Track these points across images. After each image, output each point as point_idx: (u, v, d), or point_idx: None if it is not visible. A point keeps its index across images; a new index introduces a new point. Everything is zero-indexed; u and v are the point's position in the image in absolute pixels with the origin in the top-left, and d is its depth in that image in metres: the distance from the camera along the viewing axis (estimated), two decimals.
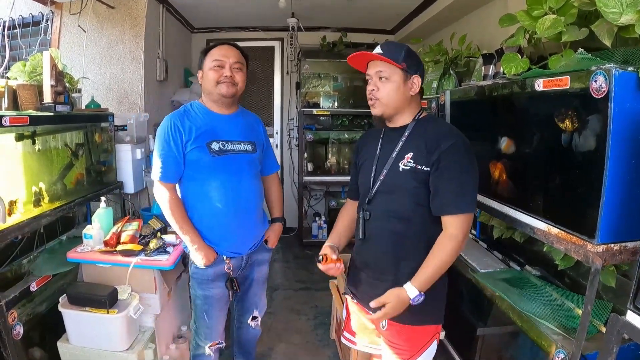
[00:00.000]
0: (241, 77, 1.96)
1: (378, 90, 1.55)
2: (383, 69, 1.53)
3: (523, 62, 1.69)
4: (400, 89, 1.54)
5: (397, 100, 1.55)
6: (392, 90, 1.54)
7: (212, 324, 2.07)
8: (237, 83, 1.94)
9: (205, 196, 1.92)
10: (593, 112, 1.27)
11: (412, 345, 1.58)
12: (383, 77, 1.54)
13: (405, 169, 1.51)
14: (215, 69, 1.90)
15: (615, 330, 1.15)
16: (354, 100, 5.07)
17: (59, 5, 3.49)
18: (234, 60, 1.93)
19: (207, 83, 1.94)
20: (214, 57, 1.91)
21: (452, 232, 1.45)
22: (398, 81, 1.53)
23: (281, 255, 4.81)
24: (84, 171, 2.59)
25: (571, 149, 1.39)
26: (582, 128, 1.34)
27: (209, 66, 1.92)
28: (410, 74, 1.54)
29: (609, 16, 1.27)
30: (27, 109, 2.13)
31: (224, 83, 1.91)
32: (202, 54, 1.97)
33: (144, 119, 3.42)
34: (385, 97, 1.55)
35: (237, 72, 1.94)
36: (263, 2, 4.12)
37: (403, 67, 1.52)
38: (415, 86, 1.55)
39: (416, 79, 1.55)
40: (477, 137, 2.04)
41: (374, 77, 1.56)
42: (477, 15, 3.45)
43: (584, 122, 1.33)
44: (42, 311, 2.15)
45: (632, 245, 1.28)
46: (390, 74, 1.53)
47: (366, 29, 5.18)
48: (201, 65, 1.97)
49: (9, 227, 1.89)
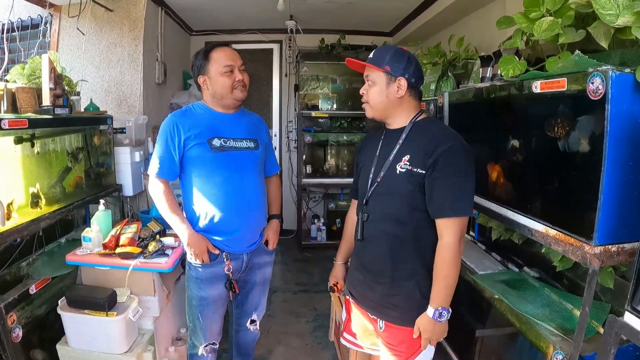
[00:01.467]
0: (247, 78, 1.99)
1: (367, 94, 1.62)
2: (369, 73, 1.60)
3: (520, 64, 1.70)
4: (384, 92, 1.57)
5: (382, 102, 1.59)
6: (376, 93, 1.59)
7: (207, 325, 2.07)
8: (247, 85, 1.98)
9: (207, 192, 1.93)
10: (590, 114, 1.28)
11: (409, 346, 1.59)
12: (370, 80, 1.60)
13: (402, 171, 1.52)
14: (227, 74, 1.91)
15: (613, 331, 1.15)
16: (352, 102, 5.07)
17: (57, 8, 3.49)
18: (241, 63, 1.96)
19: (219, 89, 1.93)
20: (223, 62, 1.91)
21: (448, 241, 1.46)
22: (381, 84, 1.57)
23: (280, 258, 4.80)
24: (83, 174, 2.59)
25: (569, 151, 1.39)
26: (579, 130, 1.34)
27: (219, 72, 1.91)
28: (394, 76, 1.54)
29: (606, 18, 1.27)
30: (26, 112, 2.13)
31: (238, 88, 1.94)
32: (203, 59, 1.94)
33: (143, 121, 3.41)
34: (371, 100, 1.61)
35: (243, 73, 1.96)
36: (261, 5, 4.12)
37: (386, 70, 1.54)
38: (402, 88, 1.55)
39: (402, 81, 1.54)
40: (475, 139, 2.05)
41: (366, 81, 1.63)
42: (475, 17, 3.46)
43: (581, 124, 1.33)
44: (41, 314, 2.14)
45: (630, 247, 1.28)
46: (374, 77, 1.58)
47: (365, 32, 5.18)
48: (203, 70, 1.94)
49: (8, 230, 1.89)
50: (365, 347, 1.82)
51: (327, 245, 4.92)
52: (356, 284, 1.74)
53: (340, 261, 1.96)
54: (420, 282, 1.55)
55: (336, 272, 1.97)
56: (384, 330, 1.63)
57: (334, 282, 1.96)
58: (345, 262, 1.96)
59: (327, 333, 3.10)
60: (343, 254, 1.95)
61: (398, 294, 1.57)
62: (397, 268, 1.56)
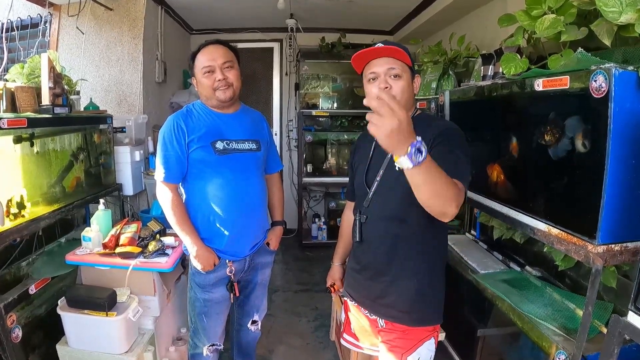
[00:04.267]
0: (234, 74, 1.93)
1: (391, 89, 1.43)
2: (395, 66, 1.44)
3: (522, 62, 1.69)
4: (410, 88, 1.49)
5: (407, 99, 1.48)
6: (404, 88, 1.45)
7: (210, 326, 2.06)
8: (232, 82, 1.91)
9: (210, 194, 1.92)
10: (593, 112, 1.27)
11: (407, 341, 1.57)
12: (396, 74, 1.44)
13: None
14: (207, 75, 1.88)
15: (617, 331, 1.14)
16: (353, 101, 5.06)
17: (57, 7, 3.49)
18: (222, 61, 1.89)
19: (203, 90, 1.92)
20: (202, 63, 1.89)
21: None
22: (408, 79, 1.47)
23: (281, 257, 4.79)
24: (83, 173, 2.58)
25: (571, 149, 1.38)
26: (581, 128, 1.33)
27: (200, 73, 1.89)
28: (414, 72, 1.52)
29: (609, 15, 1.27)
30: (25, 111, 2.12)
31: (220, 89, 1.89)
32: (191, 60, 1.94)
33: (143, 120, 3.41)
34: (399, 95, 1.44)
35: (228, 71, 1.91)
36: (262, 4, 4.11)
37: (411, 65, 1.49)
38: (417, 86, 1.54)
39: (417, 79, 1.53)
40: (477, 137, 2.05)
41: (383, 75, 1.46)
42: (476, 15, 3.45)
43: (584, 122, 1.33)
44: (41, 314, 2.13)
45: (633, 246, 1.27)
46: (402, 71, 1.45)
47: (365, 30, 5.17)
48: (192, 72, 1.95)
49: (8, 229, 1.89)
50: (365, 348, 1.81)
51: (328, 244, 4.88)
52: (355, 285, 1.73)
53: (337, 262, 1.95)
54: (421, 280, 1.54)
55: (333, 273, 1.96)
56: (384, 329, 1.62)
57: (331, 283, 1.96)
58: (343, 263, 1.95)
59: (329, 333, 3.10)
60: (340, 255, 1.94)
61: (398, 292, 1.56)
62: (398, 267, 1.54)
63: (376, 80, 1.47)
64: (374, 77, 1.48)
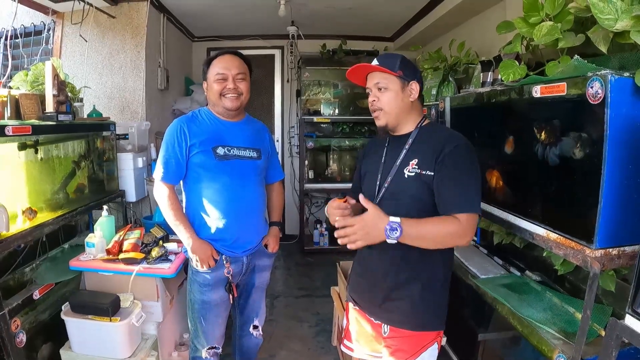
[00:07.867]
0: (245, 86, 2.00)
1: (379, 101, 1.58)
2: (380, 80, 1.57)
3: (520, 69, 1.71)
4: (399, 96, 1.56)
5: (397, 107, 1.57)
6: (391, 98, 1.56)
7: (209, 328, 2.08)
8: (242, 93, 1.99)
9: (208, 198, 1.96)
10: (590, 118, 1.28)
11: (411, 347, 1.58)
12: (382, 87, 1.57)
13: (410, 175, 1.52)
14: (219, 82, 1.94)
15: (614, 334, 1.15)
16: (354, 107, 5.10)
17: (60, 15, 3.52)
18: (237, 72, 1.96)
19: (211, 95, 1.98)
20: (216, 69, 1.95)
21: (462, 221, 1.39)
22: (396, 89, 1.56)
23: (282, 263, 4.81)
24: (86, 180, 2.60)
25: (569, 155, 1.40)
26: (579, 134, 1.35)
27: (212, 79, 1.95)
28: (407, 80, 1.56)
29: (605, 22, 1.28)
30: (29, 118, 2.14)
31: (228, 97, 1.95)
32: (205, 65, 2.00)
33: (146, 127, 3.43)
34: (386, 106, 1.57)
35: (240, 82, 1.98)
36: (263, 11, 4.15)
37: (399, 74, 1.54)
38: (414, 92, 1.57)
39: (414, 85, 1.57)
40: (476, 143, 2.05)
41: (374, 89, 1.60)
42: (475, 22, 3.48)
43: (581, 128, 1.34)
44: (45, 319, 2.15)
45: (631, 250, 1.28)
46: (387, 83, 1.56)
47: (366, 37, 5.21)
48: (205, 75, 2.01)
49: (12, 235, 1.90)
50: (361, 353, 1.81)
51: (330, 250, 4.91)
52: (359, 290, 1.74)
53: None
54: (426, 286, 1.55)
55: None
56: (388, 335, 1.63)
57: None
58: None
59: (330, 338, 3.10)
60: None
61: (403, 297, 1.57)
62: (402, 272, 1.56)
63: (371, 94, 1.63)
64: (368, 91, 1.63)
